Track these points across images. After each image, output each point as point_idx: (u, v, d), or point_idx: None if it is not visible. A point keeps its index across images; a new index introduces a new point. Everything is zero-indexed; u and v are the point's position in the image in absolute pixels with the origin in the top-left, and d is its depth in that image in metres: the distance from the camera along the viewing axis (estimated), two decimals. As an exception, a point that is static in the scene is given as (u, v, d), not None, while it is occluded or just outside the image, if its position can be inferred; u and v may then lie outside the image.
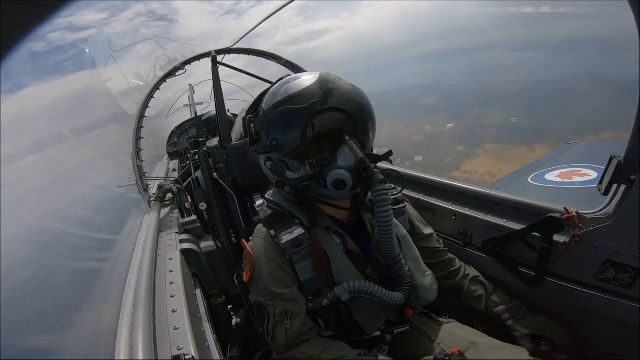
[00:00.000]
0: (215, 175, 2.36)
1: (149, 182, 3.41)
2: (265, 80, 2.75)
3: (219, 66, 2.57)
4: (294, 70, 3.46)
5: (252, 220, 1.74)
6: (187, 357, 1.10)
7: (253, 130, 1.45)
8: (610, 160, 1.26)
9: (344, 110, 1.30)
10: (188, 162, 4.69)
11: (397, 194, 1.57)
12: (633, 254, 1.28)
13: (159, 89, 3.49)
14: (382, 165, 1.44)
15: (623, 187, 1.26)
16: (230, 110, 4.36)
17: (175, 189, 3.14)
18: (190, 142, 6.74)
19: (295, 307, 1.34)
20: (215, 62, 2.47)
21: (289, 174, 1.38)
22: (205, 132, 6.46)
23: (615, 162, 1.24)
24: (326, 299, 1.33)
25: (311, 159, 1.33)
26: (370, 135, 1.40)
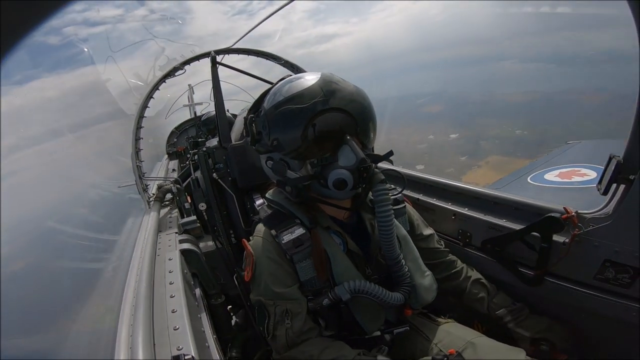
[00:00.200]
0: (214, 175, 2.36)
1: (148, 182, 3.41)
2: (265, 80, 2.75)
3: (219, 66, 2.57)
4: (294, 71, 3.46)
5: (251, 220, 1.74)
6: (187, 357, 1.10)
7: (254, 130, 1.45)
8: (610, 160, 1.26)
9: (346, 111, 1.30)
10: (187, 162, 4.69)
11: (397, 194, 1.58)
12: (632, 254, 1.28)
13: (158, 89, 3.48)
14: (383, 165, 1.44)
15: (622, 186, 1.27)
16: (229, 111, 4.36)
17: (174, 189, 3.13)
18: (189, 142, 6.72)
19: (295, 307, 1.34)
20: (214, 63, 2.46)
21: (290, 174, 1.38)
22: (204, 132, 6.46)
23: (614, 162, 1.24)
24: (327, 299, 1.33)
25: (312, 159, 1.33)
26: (371, 135, 1.40)
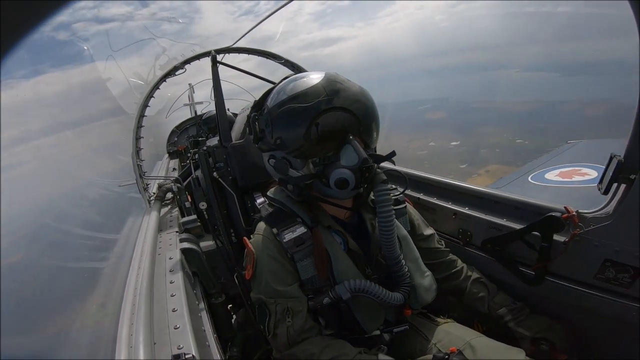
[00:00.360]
0: (215, 174, 2.36)
1: (149, 181, 3.41)
2: (265, 79, 2.74)
3: (220, 65, 2.57)
4: (294, 70, 3.46)
5: (252, 219, 1.74)
6: (187, 356, 1.10)
7: (257, 128, 1.45)
8: (611, 159, 1.26)
9: (350, 110, 1.30)
10: (188, 161, 4.69)
11: (399, 195, 1.57)
12: (633, 254, 1.27)
13: (158, 88, 3.48)
14: (385, 165, 1.44)
15: (623, 186, 1.26)
16: (230, 110, 4.36)
17: (175, 188, 3.13)
18: (190, 141, 6.73)
19: (296, 305, 1.34)
20: (214, 62, 2.46)
21: (292, 172, 1.39)
22: (205, 131, 6.46)
23: (615, 161, 1.24)
24: (327, 298, 1.33)
25: (314, 158, 1.33)
26: (374, 135, 1.40)
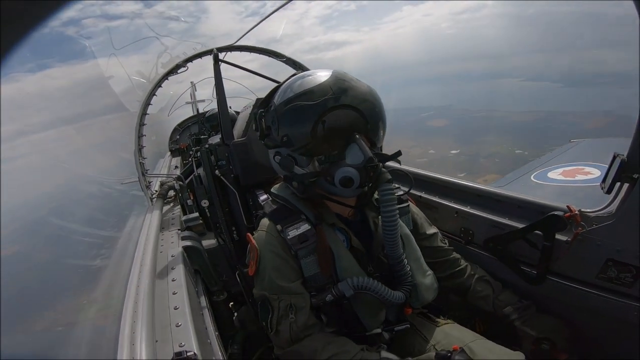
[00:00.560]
0: (217, 172, 2.36)
1: (151, 179, 3.43)
2: (269, 78, 2.73)
3: (222, 64, 2.57)
4: (296, 68, 3.46)
5: (256, 215, 1.74)
6: (189, 353, 1.11)
7: (264, 125, 1.45)
8: (614, 158, 1.25)
9: (357, 109, 1.30)
10: (190, 159, 4.70)
11: (402, 194, 1.57)
12: (635, 253, 1.27)
13: (160, 86, 3.49)
14: (389, 164, 1.44)
15: (626, 185, 1.26)
16: (232, 107, 4.36)
17: (177, 185, 3.14)
18: (192, 139, 6.73)
19: (300, 301, 1.34)
20: (216, 60, 2.46)
21: (298, 169, 1.39)
22: (208, 129, 6.46)
23: (618, 161, 1.23)
24: (330, 295, 1.34)
25: (320, 156, 1.33)
26: (380, 134, 1.40)
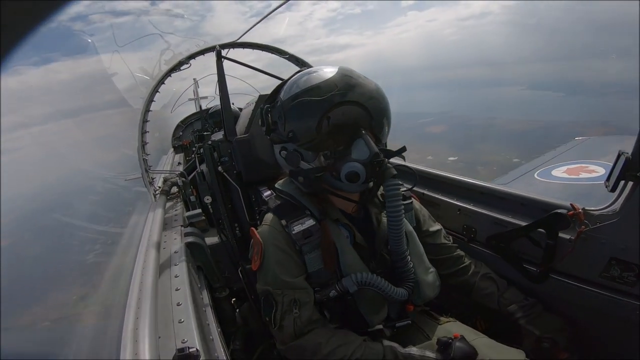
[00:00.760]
0: (220, 168, 2.37)
1: (154, 175, 3.44)
2: (272, 75, 2.73)
3: (225, 60, 2.56)
4: (299, 65, 3.45)
5: (259, 211, 1.74)
6: (192, 350, 1.11)
7: (270, 120, 1.46)
8: (618, 156, 1.24)
9: (362, 104, 1.30)
10: (193, 156, 4.71)
11: (406, 190, 1.57)
12: (638, 252, 1.26)
13: (164, 83, 3.50)
14: (393, 161, 1.44)
15: (630, 183, 1.25)
16: (234, 104, 4.36)
17: (180, 182, 3.15)
18: (195, 135, 6.74)
19: (304, 296, 1.35)
20: (219, 57, 2.46)
21: (303, 165, 1.39)
22: (211, 125, 6.47)
23: (623, 159, 1.22)
24: (334, 290, 1.34)
25: (326, 151, 1.34)
26: (386, 129, 1.40)
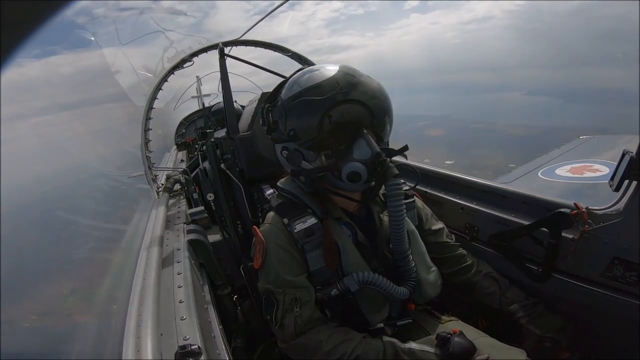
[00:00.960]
0: (222, 165, 2.37)
1: (157, 172, 3.46)
2: (274, 72, 2.72)
3: (228, 58, 2.56)
4: (302, 63, 3.45)
5: (262, 209, 1.75)
6: (193, 347, 1.12)
7: (271, 119, 1.46)
8: (623, 155, 1.23)
9: (364, 103, 1.30)
10: (196, 153, 4.72)
11: (408, 189, 1.57)
12: None
13: (167, 80, 3.51)
14: (395, 159, 1.44)
15: (634, 183, 1.24)
16: (237, 102, 4.37)
17: (183, 179, 3.16)
18: (197, 133, 6.77)
19: (305, 295, 1.35)
20: (222, 54, 2.46)
21: (305, 164, 1.39)
22: (214, 122, 6.48)
23: (627, 158, 1.21)
24: (335, 289, 1.34)
25: (327, 150, 1.33)
26: (387, 128, 1.40)
